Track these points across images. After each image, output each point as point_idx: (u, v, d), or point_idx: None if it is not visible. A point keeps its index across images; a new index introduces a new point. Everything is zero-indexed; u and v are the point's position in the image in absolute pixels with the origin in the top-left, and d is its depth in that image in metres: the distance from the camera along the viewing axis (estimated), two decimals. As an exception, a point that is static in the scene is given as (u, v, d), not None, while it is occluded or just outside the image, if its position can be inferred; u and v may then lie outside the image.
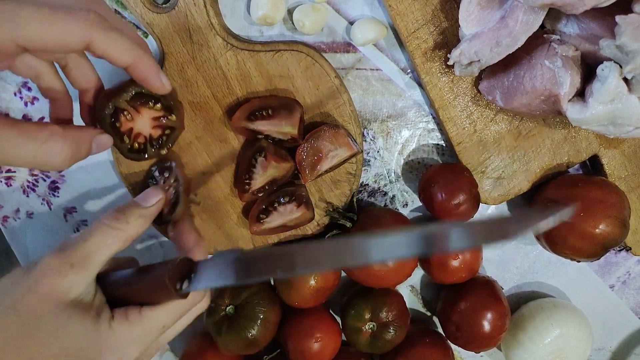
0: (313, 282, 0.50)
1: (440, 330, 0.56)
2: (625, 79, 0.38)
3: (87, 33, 0.34)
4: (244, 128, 0.48)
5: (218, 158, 0.51)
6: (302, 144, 0.49)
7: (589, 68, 0.41)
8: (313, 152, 0.49)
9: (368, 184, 0.55)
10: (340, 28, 0.51)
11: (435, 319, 0.59)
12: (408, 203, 0.56)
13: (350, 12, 0.50)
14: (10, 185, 0.55)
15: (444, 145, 0.54)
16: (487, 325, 0.51)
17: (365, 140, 0.53)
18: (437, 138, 0.53)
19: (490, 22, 0.43)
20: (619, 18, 0.35)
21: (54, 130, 0.36)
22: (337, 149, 0.49)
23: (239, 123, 0.48)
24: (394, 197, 0.55)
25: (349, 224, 0.51)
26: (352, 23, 0.50)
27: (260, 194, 0.50)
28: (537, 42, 0.43)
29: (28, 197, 0.56)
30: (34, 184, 0.56)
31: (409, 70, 0.52)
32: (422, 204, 0.53)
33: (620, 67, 0.37)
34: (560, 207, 0.33)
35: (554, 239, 0.49)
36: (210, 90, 0.50)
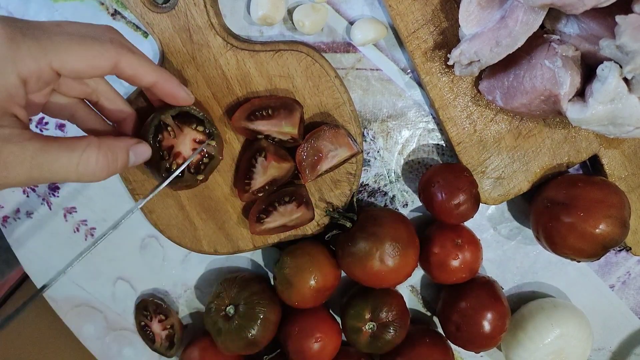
0: (313, 282, 0.50)
1: (440, 330, 0.56)
2: (625, 79, 0.38)
3: (115, 56, 0.36)
4: (244, 128, 0.48)
5: (218, 158, 0.51)
6: (302, 144, 0.49)
7: (589, 68, 0.41)
8: (313, 152, 0.49)
9: (368, 184, 0.55)
10: (340, 28, 0.51)
11: (435, 319, 0.59)
12: (408, 203, 0.56)
13: (350, 12, 0.50)
14: (10, 185, 0.55)
15: (444, 145, 0.54)
16: (487, 325, 0.51)
17: (365, 140, 0.53)
18: (437, 138, 0.53)
19: (490, 22, 0.43)
20: (619, 18, 0.35)
21: (91, 141, 0.37)
22: (337, 149, 0.49)
23: (239, 123, 0.48)
24: (394, 197, 0.55)
25: (349, 224, 0.51)
26: (352, 23, 0.50)
27: (260, 194, 0.50)
28: (537, 42, 0.43)
29: (28, 197, 0.56)
30: (34, 184, 0.56)
31: (409, 70, 0.52)
32: (422, 204, 0.53)
33: (620, 67, 0.37)
34: None
35: (554, 239, 0.49)
36: (210, 90, 0.50)
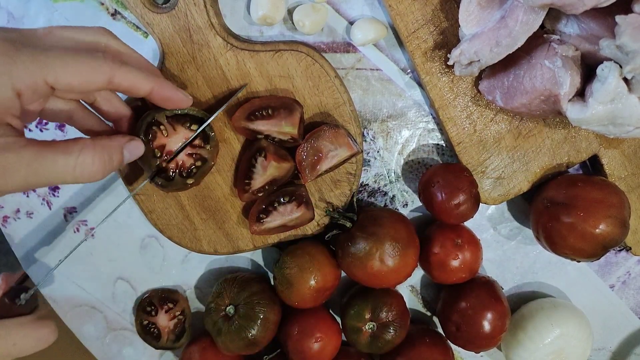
0: (313, 282, 0.50)
1: (440, 330, 0.56)
2: (625, 79, 0.38)
3: (109, 71, 0.36)
4: (244, 128, 0.48)
5: (218, 158, 0.51)
6: (302, 144, 0.49)
7: (589, 68, 0.41)
8: (313, 152, 0.49)
9: (368, 184, 0.55)
10: (340, 28, 0.51)
11: (435, 319, 0.59)
12: (408, 203, 0.56)
13: (350, 12, 0.50)
14: (10, 185, 0.55)
15: (444, 145, 0.54)
16: (487, 325, 0.51)
17: (365, 140, 0.53)
18: (437, 138, 0.53)
19: (490, 22, 0.43)
20: (619, 18, 0.35)
21: (85, 143, 0.37)
22: (337, 149, 0.49)
23: (239, 123, 0.48)
24: (394, 197, 0.55)
25: (349, 224, 0.51)
26: (352, 23, 0.50)
27: (260, 194, 0.50)
28: (537, 42, 0.43)
29: (28, 197, 0.56)
30: (34, 184, 0.56)
31: (409, 70, 0.52)
32: (422, 204, 0.53)
33: (620, 67, 0.37)
34: None
35: (554, 239, 0.49)
36: (210, 90, 0.50)
